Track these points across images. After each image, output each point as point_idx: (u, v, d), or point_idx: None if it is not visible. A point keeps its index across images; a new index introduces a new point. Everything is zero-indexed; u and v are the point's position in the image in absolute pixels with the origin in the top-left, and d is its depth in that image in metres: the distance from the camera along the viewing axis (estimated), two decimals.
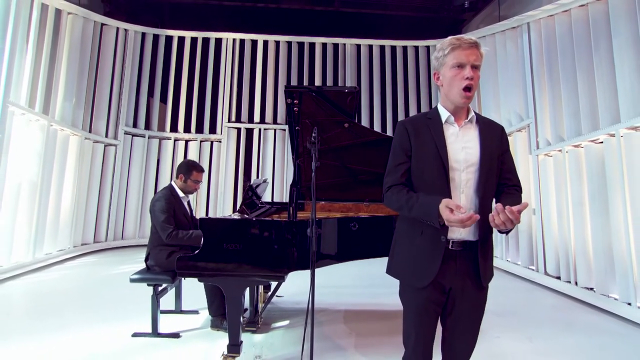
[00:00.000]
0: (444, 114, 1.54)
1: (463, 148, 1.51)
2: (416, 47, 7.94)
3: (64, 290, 4.41)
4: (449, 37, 1.50)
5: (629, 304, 3.61)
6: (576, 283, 4.32)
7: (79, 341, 2.89)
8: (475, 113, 1.58)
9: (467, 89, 1.45)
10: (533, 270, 5.08)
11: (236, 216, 2.78)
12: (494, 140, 1.54)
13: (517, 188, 1.59)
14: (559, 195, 4.68)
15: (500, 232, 1.42)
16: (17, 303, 3.98)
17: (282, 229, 2.49)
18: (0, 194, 4.70)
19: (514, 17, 5.52)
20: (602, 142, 4.07)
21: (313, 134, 2.40)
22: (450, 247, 1.47)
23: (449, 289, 1.51)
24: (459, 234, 1.48)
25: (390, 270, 1.64)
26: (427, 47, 7.82)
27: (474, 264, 1.49)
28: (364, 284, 4.82)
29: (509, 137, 5.50)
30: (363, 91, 7.83)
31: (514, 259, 5.53)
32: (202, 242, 2.45)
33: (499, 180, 1.56)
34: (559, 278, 4.62)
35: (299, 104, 2.87)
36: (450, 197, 1.45)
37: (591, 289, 4.13)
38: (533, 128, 5.15)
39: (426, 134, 1.53)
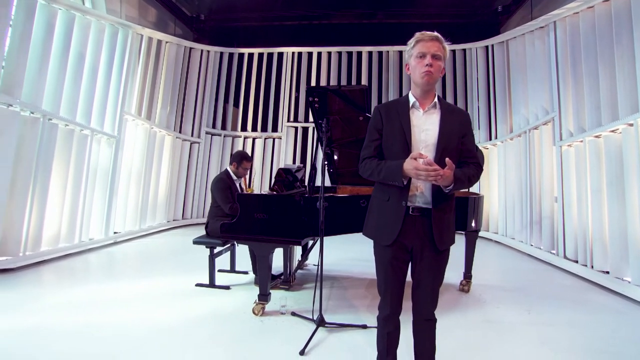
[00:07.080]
0: (412, 99, 1.59)
1: (424, 130, 1.54)
2: (453, 51, 7.55)
3: (159, 252, 5.10)
4: (416, 33, 1.54)
5: None
6: (592, 266, 3.95)
7: (162, 284, 3.44)
8: (439, 99, 1.60)
9: (427, 72, 1.50)
10: (554, 254, 4.69)
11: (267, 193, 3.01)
12: (454, 125, 1.55)
13: (475, 164, 1.58)
14: (579, 183, 4.28)
15: (445, 190, 1.48)
16: (129, 258, 4.71)
17: (298, 203, 2.61)
18: (118, 180, 5.49)
19: (541, 17, 5.08)
20: (620, 133, 3.67)
21: (323, 124, 2.49)
22: (411, 213, 1.52)
23: (411, 248, 1.54)
24: (417, 201, 1.53)
25: (365, 231, 1.68)
26: (464, 50, 7.42)
27: (430, 229, 1.51)
28: None
29: (535, 130, 5.20)
30: (405, 93, 7.68)
31: (537, 243, 5.14)
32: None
33: (460, 158, 1.57)
34: (576, 262, 4.24)
35: (319, 102, 2.97)
36: None
37: (606, 272, 3.76)
38: (557, 121, 4.73)
39: (395, 117, 1.58)
